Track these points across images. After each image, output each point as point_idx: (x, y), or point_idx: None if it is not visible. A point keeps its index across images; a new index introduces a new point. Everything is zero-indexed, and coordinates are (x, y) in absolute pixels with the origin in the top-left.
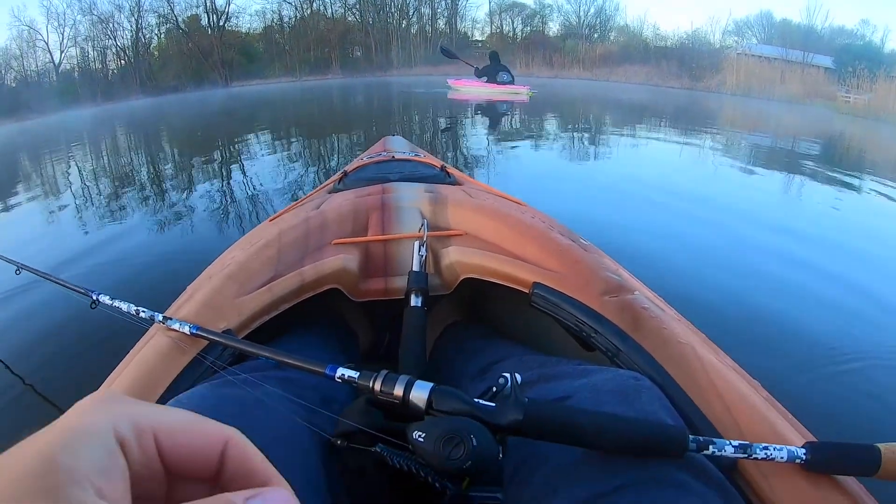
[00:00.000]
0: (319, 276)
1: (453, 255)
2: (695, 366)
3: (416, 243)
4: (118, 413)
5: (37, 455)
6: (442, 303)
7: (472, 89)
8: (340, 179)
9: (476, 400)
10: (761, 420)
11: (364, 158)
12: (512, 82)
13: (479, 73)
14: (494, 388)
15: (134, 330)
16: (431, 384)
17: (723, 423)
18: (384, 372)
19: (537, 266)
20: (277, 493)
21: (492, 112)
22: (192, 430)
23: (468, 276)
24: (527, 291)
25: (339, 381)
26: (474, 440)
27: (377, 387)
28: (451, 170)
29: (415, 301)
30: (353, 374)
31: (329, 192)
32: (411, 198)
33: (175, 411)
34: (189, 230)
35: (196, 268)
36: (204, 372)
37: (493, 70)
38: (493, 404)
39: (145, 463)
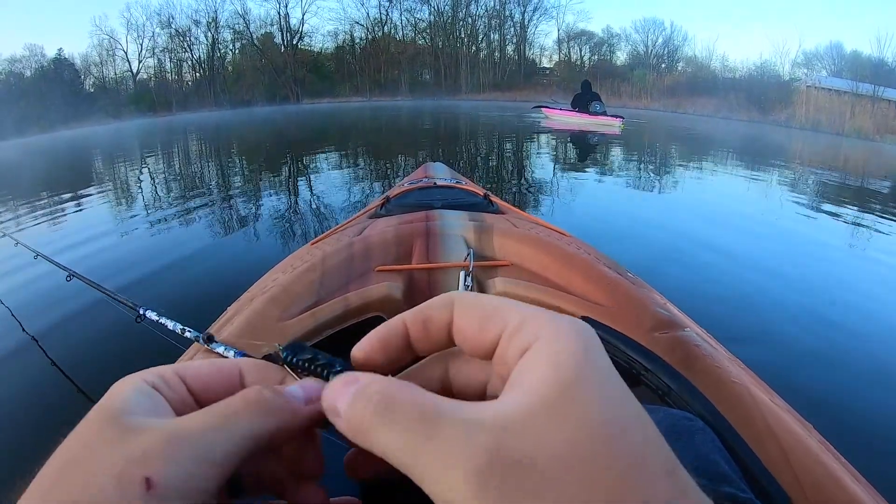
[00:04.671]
0: (364, 302)
1: (499, 287)
2: (749, 407)
3: (462, 273)
4: (144, 373)
5: (94, 411)
6: None
7: (563, 118)
8: (382, 205)
9: None
10: (816, 464)
11: (406, 184)
12: (605, 113)
13: (573, 104)
14: None
15: (176, 344)
16: None
17: (778, 467)
18: None
19: (585, 299)
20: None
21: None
22: (210, 368)
23: None
24: None
25: None
26: None
27: None
28: (494, 198)
29: None
30: None
31: (370, 217)
32: (456, 226)
33: (194, 362)
34: (240, 245)
35: (235, 283)
36: None
37: (584, 99)
38: None
39: (179, 398)
